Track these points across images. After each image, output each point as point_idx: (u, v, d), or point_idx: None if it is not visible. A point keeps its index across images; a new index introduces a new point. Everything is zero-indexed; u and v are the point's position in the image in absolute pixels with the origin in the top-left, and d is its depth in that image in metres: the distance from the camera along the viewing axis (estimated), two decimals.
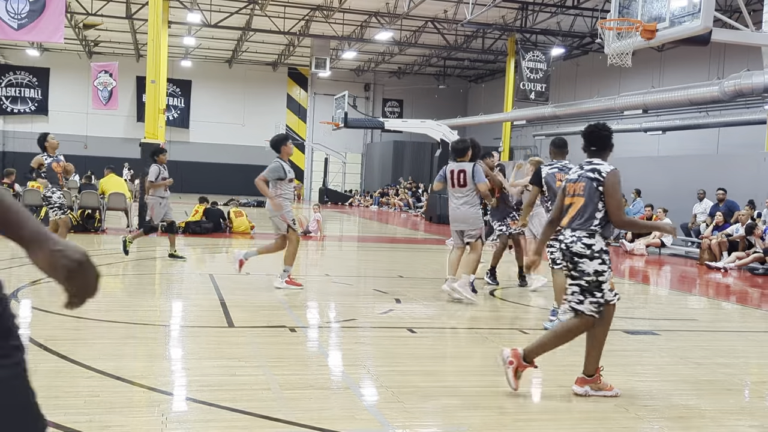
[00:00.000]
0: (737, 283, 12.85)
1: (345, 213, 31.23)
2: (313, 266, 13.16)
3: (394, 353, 6.31)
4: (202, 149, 42.45)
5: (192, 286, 9.59)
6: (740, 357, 6.82)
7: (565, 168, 7.73)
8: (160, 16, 17.45)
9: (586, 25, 27.78)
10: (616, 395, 5.14)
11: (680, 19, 8.98)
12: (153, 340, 6.44)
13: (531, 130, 37.00)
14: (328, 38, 33.20)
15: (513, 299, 9.62)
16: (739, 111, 23.75)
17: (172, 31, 31.19)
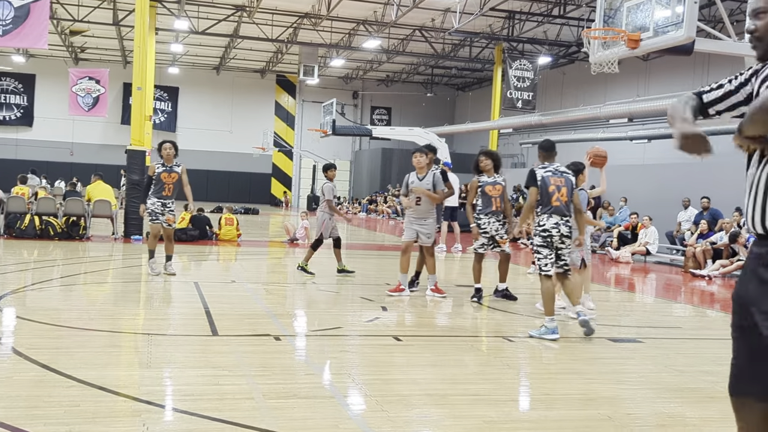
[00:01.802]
0: (721, 290, 12.92)
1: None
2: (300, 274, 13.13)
3: (380, 361, 6.30)
4: (189, 156, 42.14)
5: (176, 294, 9.54)
6: (724, 365, 6.81)
7: (558, 171, 7.81)
8: (146, 22, 17.40)
9: (572, 35, 27.94)
10: None
11: (664, 28, 9.05)
12: (136, 349, 6.40)
13: (518, 138, 37.14)
14: (316, 46, 33.24)
15: (500, 307, 9.63)
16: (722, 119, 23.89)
17: (159, 37, 31.14)
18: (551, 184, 7.67)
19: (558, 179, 7.72)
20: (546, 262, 7.61)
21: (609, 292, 12.19)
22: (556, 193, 7.63)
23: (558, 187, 7.65)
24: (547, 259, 7.60)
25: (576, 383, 5.82)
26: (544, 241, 7.61)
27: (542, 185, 7.68)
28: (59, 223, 15.92)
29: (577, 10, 25.55)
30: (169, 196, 10.71)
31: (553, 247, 7.62)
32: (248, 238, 18.49)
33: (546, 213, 7.64)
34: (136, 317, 7.92)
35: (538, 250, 7.67)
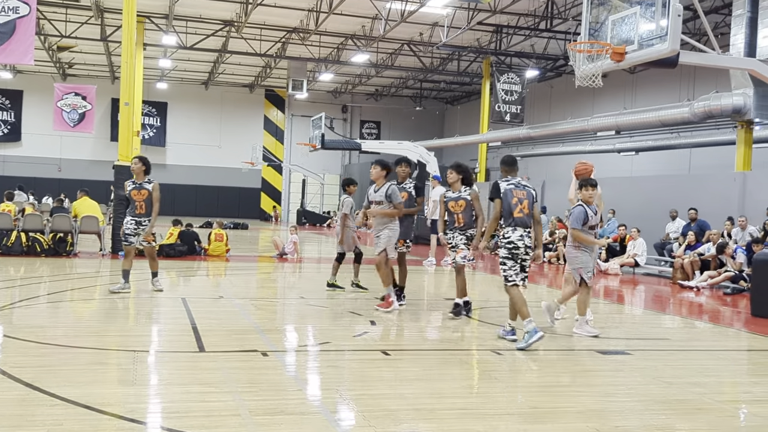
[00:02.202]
0: (709, 301, 12.95)
1: (323, 234, 31.15)
2: (290, 288, 13.09)
3: (368, 376, 6.27)
4: (178, 171, 42.25)
5: (164, 310, 9.48)
6: (712, 376, 6.85)
7: (520, 184, 8.09)
8: (133, 38, 17.39)
9: (559, 48, 28.12)
10: None
11: (648, 41, 9.08)
12: (121, 366, 6.35)
13: (507, 151, 37.24)
14: (304, 60, 33.32)
15: (490, 320, 9.62)
16: (709, 132, 24.11)
17: (147, 53, 31.18)
18: (514, 196, 7.95)
19: (520, 192, 8.00)
20: (510, 273, 7.89)
21: (598, 304, 12.20)
22: (518, 206, 7.93)
23: (520, 200, 7.95)
24: (512, 270, 7.90)
25: (564, 396, 5.81)
26: (509, 253, 7.90)
27: (505, 198, 7.94)
28: (46, 239, 15.83)
29: (563, 23, 25.73)
30: (142, 214, 10.47)
31: (519, 259, 7.90)
32: (237, 253, 18.43)
33: (510, 225, 7.91)
34: (123, 334, 7.86)
35: (503, 261, 7.94)
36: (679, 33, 8.71)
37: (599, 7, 10.26)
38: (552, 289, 14.36)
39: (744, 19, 16.55)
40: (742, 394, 6.30)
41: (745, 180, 17.77)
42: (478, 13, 25.12)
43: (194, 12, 27.88)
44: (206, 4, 26.64)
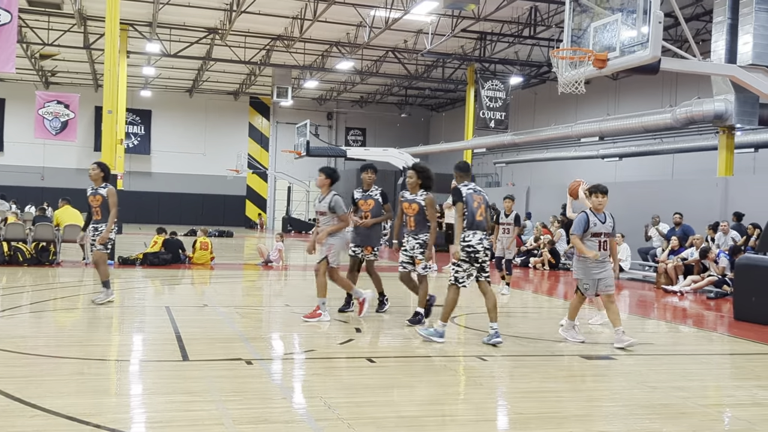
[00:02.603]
0: (693, 306, 13.02)
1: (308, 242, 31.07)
2: (275, 296, 13.06)
3: (352, 384, 6.25)
4: (162, 179, 42.12)
5: (147, 319, 9.42)
6: (695, 380, 6.89)
7: (476, 189, 8.28)
8: (117, 46, 17.31)
9: (543, 55, 28.27)
10: None
11: (630, 48, 9.17)
12: (104, 376, 6.30)
13: (492, 157, 37.42)
14: (289, 67, 33.31)
15: (474, 326, 9.63)
16: (692, 138, 24.29)
17: (131, 60, 31.09)
18: (474, 201, 8.14)
19: (479, 197, 8.22)
20: (463, 275, 8.07)
21: (584, 309, 12.22)
22: (478, 210, 8.14)
23: (479, 204, 8.17)
24: (465, 272, 8.07)
25: (549, 402, 5.82)
26: (468, 256, 8.03)
27: (467, 202, 8.11)
28: (28, 248, 15.70)
29: (547, 30, 25.88)
30: (98, 220, 10.17)
31: (477, 262, 8.06)
32: (222, 261, 18.37)
33: (471, 229, 8.07)
34: (106, 343, 7.81)
35: (459, 263, 8.08)
36: (660, 40, 8.79)
37: (582, 14, 10.35)
38: (537, 295, 14.40)
39: (725, 26, 16.70)
40: (725, 398, 6.34)
41: (727, 185, 17.91)
42: (462, 21, 25.22)
43: (178, 19, 27.82)
44: (190, 11, 26.59)
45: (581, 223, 8.31)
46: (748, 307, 10.74)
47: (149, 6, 25.70)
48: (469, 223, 8.05)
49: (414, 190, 9.17)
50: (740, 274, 11.16)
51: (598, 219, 8.29)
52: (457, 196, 8.13)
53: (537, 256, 19.87)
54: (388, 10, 24.00)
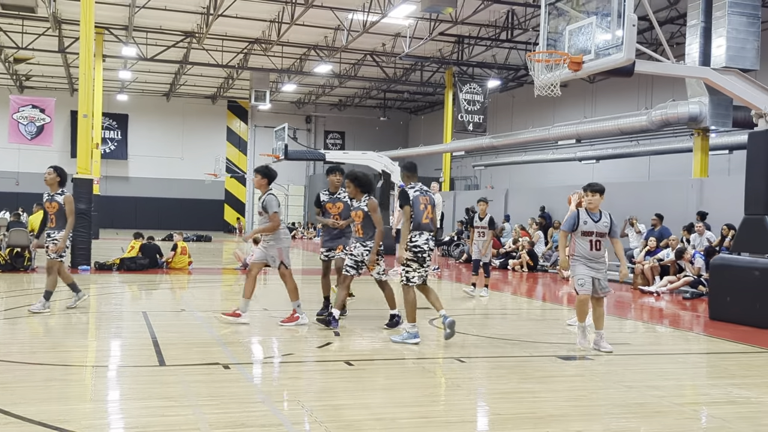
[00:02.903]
0: (669, 306, 13.14)
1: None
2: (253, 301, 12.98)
3: (330, 387, 6.24)
4: (140, 184, 41.82)
5: (123, 325, 9.35)
6: (671, 379, 6.95)
7: (423, 190, 8.37)
8: (92, 49, 17.18)
9: (520, 58, 28.43)
10: None
11: (605, 51, 9.25)
12: (80, 382, 6.24)
13: (471, 160, 37.55)
14: (267, 71, 33.25)
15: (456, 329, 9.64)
16: (667, 140, 24.54)
17: (107, 64, 30.89)
18: (421, 203, 8.25)
19: (425, 198, 8.32)
20: (414, 275, 8.24)
21: (562, 310, 12.31)
22: (425, 211, 8.24)
23: (426, 206, 8.27)
24: (416, 272, 8.24)
25: (526, 402, 5.85)
26: (415, 256, 8.21)
27: (415, 204, 8.21)
28: (3, 254, 15.52)
29: (524, 34, 26.02)
30: (53, 227, 9.91)
31: (424, 261, 8.23)
32: (200, 266, 18.27)
33: (418, 230, 8.21)
34: (81, 349, 7.73)
35: (408, 264, 8.22)
36: (634, 42, 8.87)
37: (558, 17, 10.42)
38: (516, 296, 14.45)
39: (698, 29, 16.88)
40: (701, 397, 6.40)
41: (702, 186, 18.10)
42: (440, 24, 25.30)
43: (154, 23, 27.67)
44: (166, 15, 26.46)
45: (569, 220, 8.25)
46: (723, 307, 10.86)
47: (125, 9, 25.54)
48: (416, 224, 8.19)
49: (357, 197, 9.02)
50: (715, 275, 11.28)
51: (591, 218, 8.15)
52: (404, 200, 8.23)
53: (516, 258, 19.95)
54: (366, 13, 24.03)
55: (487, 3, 22.45)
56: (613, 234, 8.22)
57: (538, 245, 20.60)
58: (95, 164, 26.24)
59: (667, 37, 22.90)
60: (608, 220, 8.19)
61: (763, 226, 10.60)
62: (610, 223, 8.19)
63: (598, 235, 8.10)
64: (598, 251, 8.11)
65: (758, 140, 10.84)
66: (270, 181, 9.34)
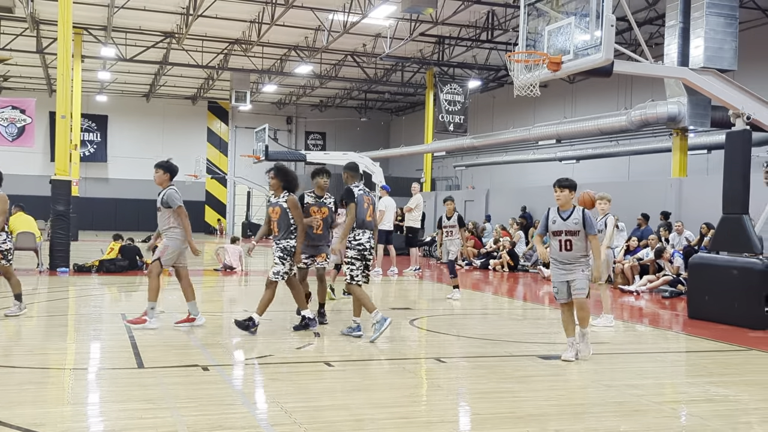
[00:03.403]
0: (648, 305, 13.23)
1: (269, 246, 30.91)
2: (234, 302, 12.95)
3: (309, 388, 6.22)
4: (119, 185, 41.51)
5: (102, 327, 9.27)
6: (650, 378, 6.99)
7: (365, 191, 8.58)
8: (70, 50, 17.03)
9: (500, 59, 28.51)
10: None
11: (584, 51, 9.30)
12: (57, 384, 6.18)
13: (452, 161, 37.62)
14: (247, 72, 33.14)
15: (433, 329, 9.66)
16: (646, 140, 24.72)
17: (85, 65, 30.65)
18: (364, 201, 8.45)
19: (368, 197, 8.54)
20: (357, 273, 8.41)
21: (544, 310, 12.37)
22: (368, 210, 8.46)
23: (368, 205, 8.49)
24: (359, 270, 8.41)
25: (505, 402, 5.86)
26: (359, 254, 8.39)
27: (359, 203, 8.39)
28: None
29: (504, 34, 26.09)
30: None
31: (365, 259, 8.40)
32: None
33: (361, 228, 8.39)
34: (59, 352, 7.66)
35: (352, 262, 8.37)
36: (613, 43, 8.92)
37: (537, 18, 10.47)
38: (497, 296, 14.49)
39: (677, 30, 17.02)
40: (679, 395, 6.44)
41: (681, 186, 18.25)
42: (420, 25, 25.32)
43: (134, 23, 27.48)
44: (146, 15, 26.29)
45: (542, 221, 7.87)
46: (701, 306, 10.95)
47: (104, 10, 25.35)
48: (360, 222, 8.35)
49: (277, 192, 8.79)
50: (694, 274, 11.37)
51: (560, 216, 7.62)
52: (350, 197, 8.36)
53: (496, 258, 20.01)
54: (347, 14, 24.01)
55: (467, 4, 22.49)
56: (589, 230, 7.52)
57: (519, 245, 20.68)
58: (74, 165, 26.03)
59: (645, 37, 23.07)
60: (579, 217, 7.52)
61: (741, 225, 10.70)
62: (582, 220, 7.50)
63: (568, 234, 7.48)
64: (569, 251, 7.51)
65: (736, 140, 10.94)
66: (172, 176, 9.17)
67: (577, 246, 7.49)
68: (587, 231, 7.52)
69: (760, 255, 10.50)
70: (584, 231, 7.50)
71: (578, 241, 7.48)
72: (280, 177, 8.83)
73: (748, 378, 7.16)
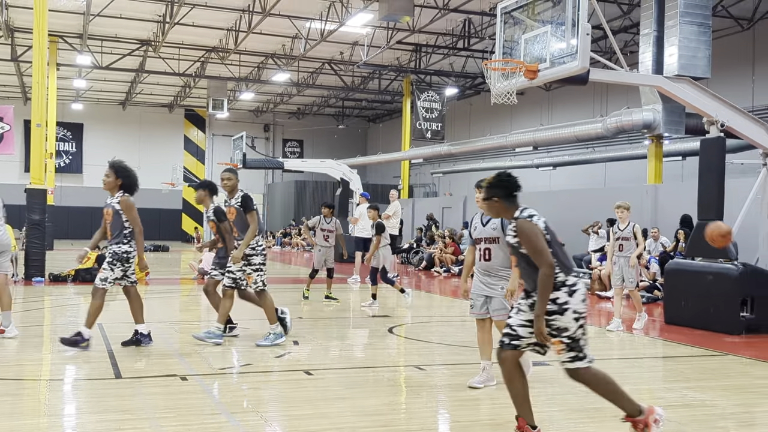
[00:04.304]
0: (625, 311, 13.31)
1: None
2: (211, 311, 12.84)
3: (289, 397, 6.20)
4: (96, 193, 40.96)
5: None
6: (627, 383, 7.00)
7: None
8: (45, 58, 16.88)
9: (477, 66, 28.66)
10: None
11: (560, 59, 9.37)
12: (33, 396, 6.11)
13: (429, 168, 37.71)
14: (224, 79, 33.02)
15: (412, 336, 9.66)
16: (622, 147, 24.95)
17: (61, 73, 30.37)
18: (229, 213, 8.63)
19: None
20: (264, 279, 8.44)
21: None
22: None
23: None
24: (265, 276, 8.46)
25: (485, 409, 5.88)
26: (264, 260, 8.48)
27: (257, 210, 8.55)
28: None
29: (480, 42, 26.25)
30: None
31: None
32: (157, 276, 18.02)
33: (261, 234, 8.54)
34: (35, 363, 7.57)
35: (259, 268, 8.39)
36: (588, 51, 9.00)
37: (513, 26, 10.53)
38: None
39: (651, 38, 17.19)
40: (656, 400, 6.48)
41: (657, 192, 18.43)
42: (397, 33, 25.39)
43: (110, 31, 27.29)
44: (122, 23, 26.12)
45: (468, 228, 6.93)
46: (678, 311, 11.05)
47: (79, 17, 25.16)
48: (261, 229, 8.53)
49: (112, 191, 8.16)
50: (670, 279, 11.48)
51: (480, 221, 6.66)
52: (251, 205, 8.43)
53: None
54: (324, 22, 24.03)
55: (443, 12, 22.59)
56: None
57: None
58: (49, 174, 25.76)
59: (620, 45, 23.32)
60: (497, 222, 6.51)
61: None
62: (500, 226, 6.49)
63: (488, 242, 6.55)
64: (488, 261, 6.57)
65: (710, 147, 11.07)
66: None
67: (497, 255, 6.54)
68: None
69: (734, 261, 10.63)
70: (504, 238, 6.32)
71: (499, 250, 6.52)
72: (120, 174, 8.17)
73: (724, 383, 7.23)
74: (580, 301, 4.77)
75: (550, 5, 9.79)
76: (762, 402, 6.48)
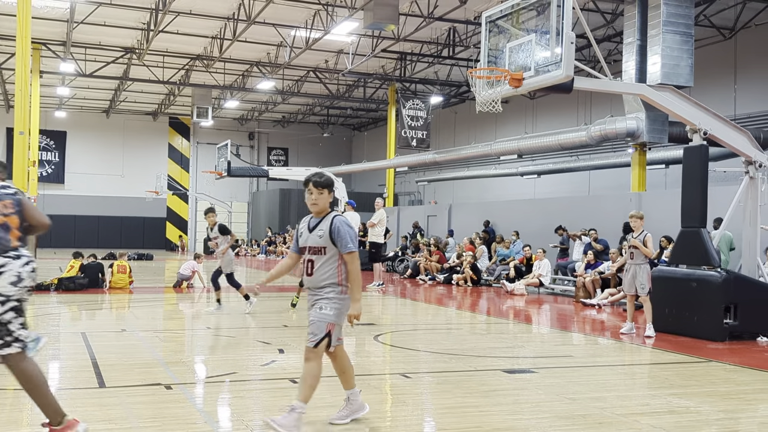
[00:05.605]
0: (610, 318, 13.37)
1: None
2: (196, 319, 12.79)
3: (274, 406, 6.16)
4: (79, 202, 40.88)
5: (61, 346, 9.10)
6: (613, 390, 7.06)
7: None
8: (28, 65, 16.77)
9: (462, 75, 28.79)
10: None
11: (545, 68, 9.44)
12: (15, 406, 6.04)
13: (414, 176, 37.80)
14: (209, 87, 32.96)
15: (398, 344, 9.65)
16: (606, 155, 25.12)
17: (44, 80, 30.20)
18: None
19: None
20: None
21: (508, 324, 12.44)
22: None
23: None
24: None
25: (471, 416, 5.87)
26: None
27: None
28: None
29: (465, 51, 26.36)
30: None
31: None
32: (141, 285, 17.92)
33: None
34: None
35: None
36: (573, 60, 9.06)
37: (498, 35, 10.60)
38: (461, 311, 14.53)
39: (634, 47, 17.37)
40: (641, 407, 6.50)
41: (640, 200, 18.51)
42: (382, 41, 25.46)
43: (94, 39, 27.18)
44: (106, 30, 26.02)
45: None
46: (662, 318, 11.09)
47: (63, 25, 25.04)
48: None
49: None
50: (654, 286, 11.53)
51: (307, 226, 5.44)
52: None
53: (460, 272, 20.09)
54: (309, 30, 24.05)
55: (428, 20, 22.67)
56: (342, 248, 5.22)
57: (482, 260, 20.79)
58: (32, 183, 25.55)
59: (604, 54, 23.47)
60: (325, 228, 5.26)
61: (700, 238, 10.90)
62: (328, 232, 5.24)
63: (312, 252, 5.31)
64: (309, 276, 5.34)
65: (693, 155, 11.16)
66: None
67: (319, 269, 5.28)
68: (339, 249, 5.24)
69: (718, 268, 10.70)
70: (335, 249, 5.25)
71: (322, 263, 5.27)
72: None
73: (708, 389, 7.27)
74: (8, 284, 4.62)
75: (535, 14, 9.86)
76: (745, 408, 6.52)
